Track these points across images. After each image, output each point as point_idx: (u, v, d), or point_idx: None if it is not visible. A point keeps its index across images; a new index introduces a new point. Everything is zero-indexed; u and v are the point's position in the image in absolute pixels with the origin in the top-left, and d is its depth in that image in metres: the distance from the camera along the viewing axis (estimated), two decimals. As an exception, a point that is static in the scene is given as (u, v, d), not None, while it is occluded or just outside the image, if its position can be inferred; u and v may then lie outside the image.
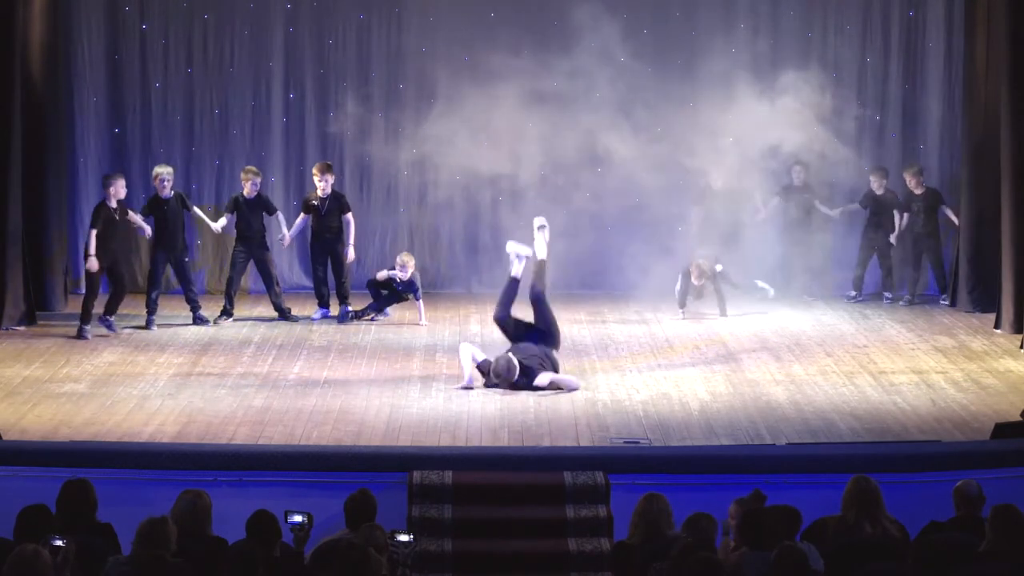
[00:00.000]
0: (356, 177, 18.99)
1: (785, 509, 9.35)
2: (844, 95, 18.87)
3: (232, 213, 17.22)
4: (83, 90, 18.56)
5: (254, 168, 17.48)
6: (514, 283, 14.54)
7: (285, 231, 17.29)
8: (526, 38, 18.59)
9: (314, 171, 17.35)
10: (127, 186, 16.84)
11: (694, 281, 17.41)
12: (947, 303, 18.11)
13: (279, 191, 18.82)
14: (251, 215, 17.14)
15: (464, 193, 18.87)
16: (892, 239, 18.29)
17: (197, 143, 18.87)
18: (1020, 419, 12.67)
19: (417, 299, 17.14)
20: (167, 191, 16.82)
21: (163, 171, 16.90)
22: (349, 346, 16.00)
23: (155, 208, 16.83)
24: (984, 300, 17.57)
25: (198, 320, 16.88)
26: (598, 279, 18.59)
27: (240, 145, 18.88)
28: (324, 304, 17.34)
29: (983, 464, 11.67)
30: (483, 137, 18.13)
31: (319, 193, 17.16)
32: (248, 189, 17.12)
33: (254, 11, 18.76)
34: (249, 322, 17.08)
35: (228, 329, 16.76)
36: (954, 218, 18.14)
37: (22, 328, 16.50)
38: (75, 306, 17.47)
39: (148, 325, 16.63)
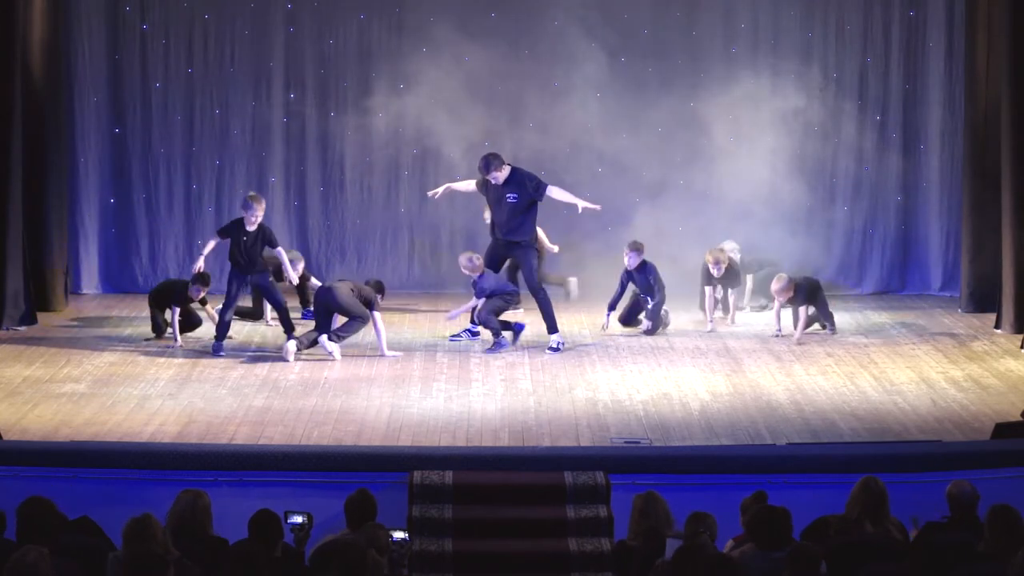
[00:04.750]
0: (356, 177, 18.98)
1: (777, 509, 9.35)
2: (844, 95, 18.87)
3: (224, 239, 15.83)
4: (83, 90, 18.52)
5: (257, 196, 16.01)
6: None
7: (289, 271, 16.07)
8: (526, 38, 18.61)
9: None
10: (126, 186, 16.78)
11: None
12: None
13: (279, 191, 18.82)
14: (251, 247, 15.73)
15: (465, 193, 18.84)
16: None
17: (197, 143, 18.82)
18: (1020, 419, 12.68)
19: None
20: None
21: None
22: (349, 346, 15.98)
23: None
24: (984, 300, 17.57)
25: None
26: (598, 279, 18.55)
27: (240, 145, 18.84)
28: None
29: (983, 464, 11.68)
30: (483, 137, 18.14)
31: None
32: (249, 219, 15.63)
33: (254, 11, 18.73)
34: (249, 323, 17.06)
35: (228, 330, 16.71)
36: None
37: (22, 328, 16.50)
38: (75, 307, 17.52)
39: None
